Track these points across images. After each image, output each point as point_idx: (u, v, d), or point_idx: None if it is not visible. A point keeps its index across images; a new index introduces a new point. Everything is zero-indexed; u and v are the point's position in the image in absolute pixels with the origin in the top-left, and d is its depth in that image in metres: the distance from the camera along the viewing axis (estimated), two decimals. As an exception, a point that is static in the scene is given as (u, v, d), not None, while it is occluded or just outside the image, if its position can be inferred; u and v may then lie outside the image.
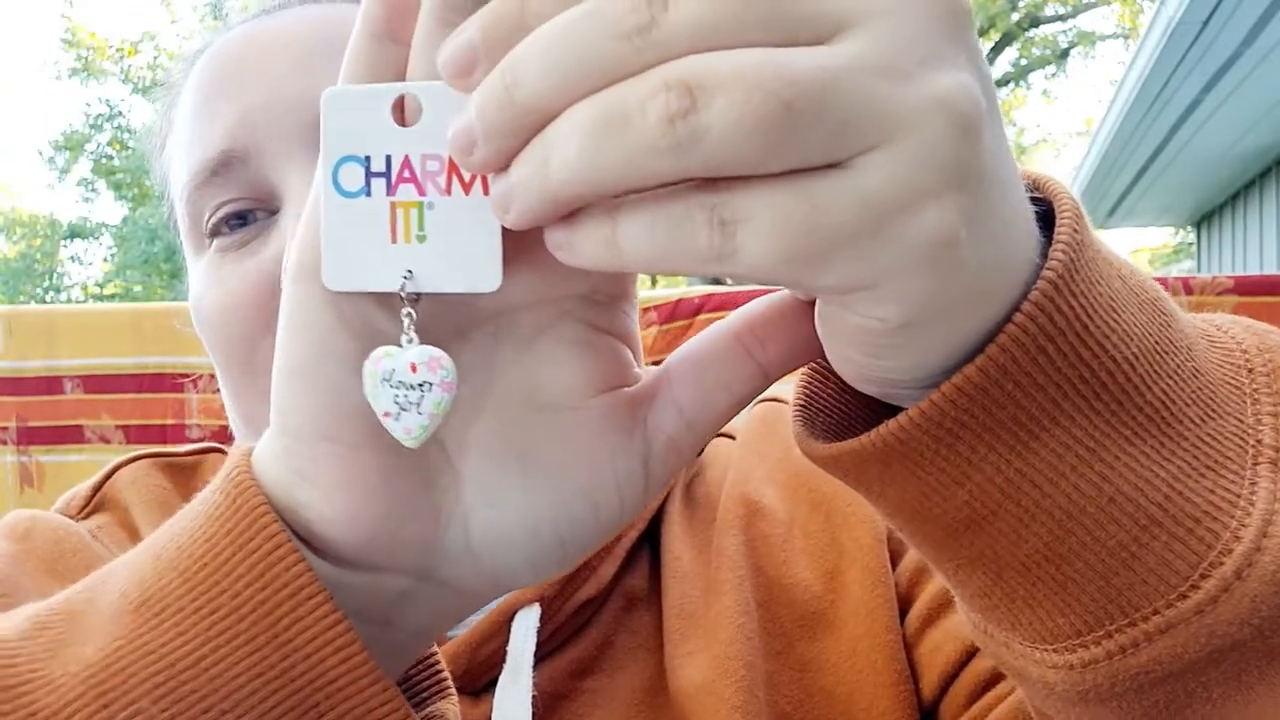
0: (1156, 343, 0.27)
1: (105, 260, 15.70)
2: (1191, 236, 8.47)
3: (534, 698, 0.50)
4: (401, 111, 0.28)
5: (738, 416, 0.32)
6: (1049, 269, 0.25)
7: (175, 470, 0.59)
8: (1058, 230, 0.26)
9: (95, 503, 0.57)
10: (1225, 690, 0.28)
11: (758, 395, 0.31)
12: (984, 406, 0.25)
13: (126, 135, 14.70)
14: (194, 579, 0.28)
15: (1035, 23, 12.63)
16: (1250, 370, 0.29)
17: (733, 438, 0.61)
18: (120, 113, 14.96)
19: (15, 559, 0.50)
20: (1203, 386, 0.28)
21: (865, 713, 0.50)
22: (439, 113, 0.26)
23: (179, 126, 0.55)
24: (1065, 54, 12.98)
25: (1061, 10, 12.74)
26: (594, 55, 0.23)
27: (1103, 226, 7.92)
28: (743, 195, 0.22)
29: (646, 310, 1.02)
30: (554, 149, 0.23)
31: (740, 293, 1.02)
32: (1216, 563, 0.26)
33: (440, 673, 0.35)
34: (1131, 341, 0.26)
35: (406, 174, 0.27)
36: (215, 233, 0.52)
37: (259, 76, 0.51)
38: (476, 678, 0.50)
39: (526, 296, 0.30)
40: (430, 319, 0.29)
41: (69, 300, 15.16)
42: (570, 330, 0.31)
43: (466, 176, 0.27)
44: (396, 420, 0.28)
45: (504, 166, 0.25)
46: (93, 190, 15.26)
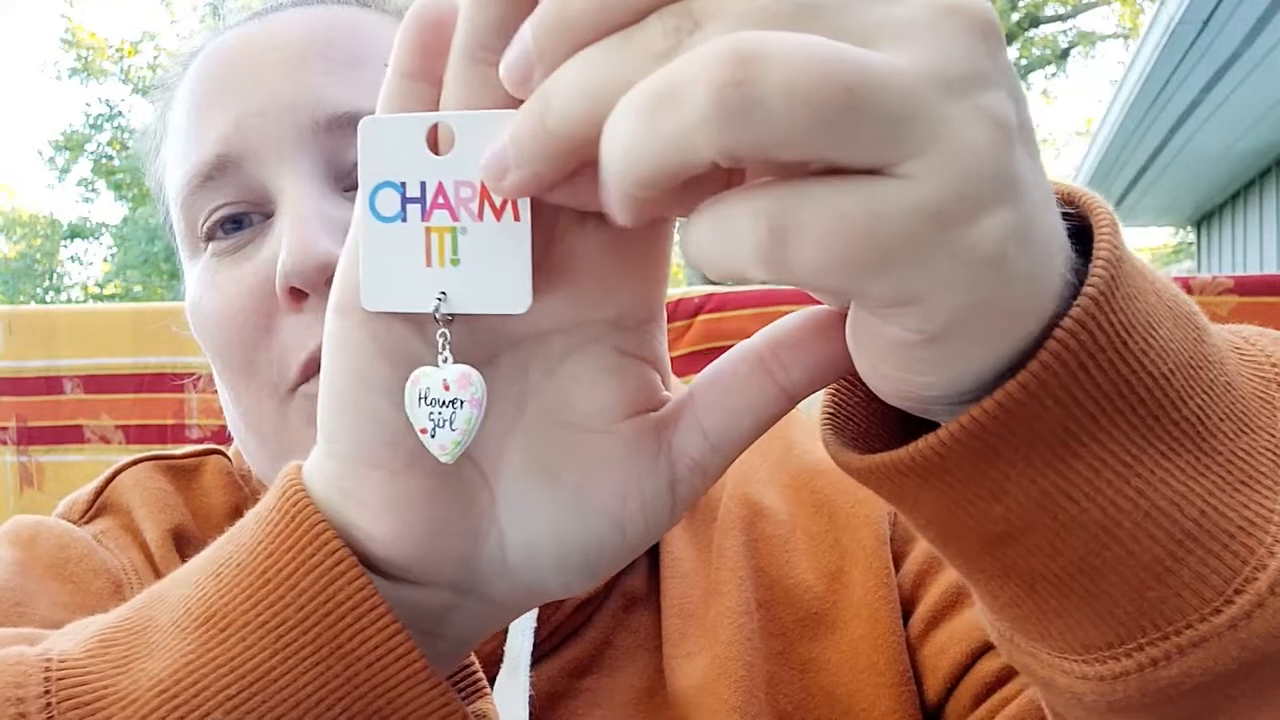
0: (1191, 358, 0.27)
1: (105, 260, 15.72)
2: (1191, 236, 8.47)
3: (531, 697, 0.50)
4: (436, 139, 0.29)
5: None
6: (1090, 285, 0.25)
7: (176, 473, 0.59)
8: (1097, 246, 0.26)
9: (97, 507, 0.57)
10: (1251, 702, 0.28)
11: (782, 417, 0.31)
12: (1024, 421, 0.25)
13: (126, 135, 14.70)
14: (258, 594, 0.29)
15: (1035, 23, 12.63)
16: None
17: None
18: (120, 113, 14.96)
19: (22, 565, 0.50)
20: (1235, 400, 0.28)
21: (866, 713, 0.50)
22: (472, 141, 0.28)
23: (173, 131, 0.55)
24: (1065, 54, 12.98)
25: (1061, 10, 12.74)
26: (625, 79, 0.23)
27: (1103, 226, 7.92)
28: (798, 198, 0.22)
29: (646, 310, 1.02)
30: (608, 135, 0.23)
31: (740, 293, 1.02)
32: (1250, 578, 0.26)
33: (476, 674, 0.36)
34: (1168, 357, 0.26)
35: (441, 200, 0.28)
36: (211, 237, 0.52)
37: (252, 80, 0.51)
38: None
39: (557, 321, 0.31)
40: (463, 344, 0.30)
41: (69, 300, 15.16)
42: (599, 354, 0.31)
43: (498, 203, 0.28)
44: (432, 437, 0.29)
45: (535, 191, 0.26)
46: (93, 190, 15.27)
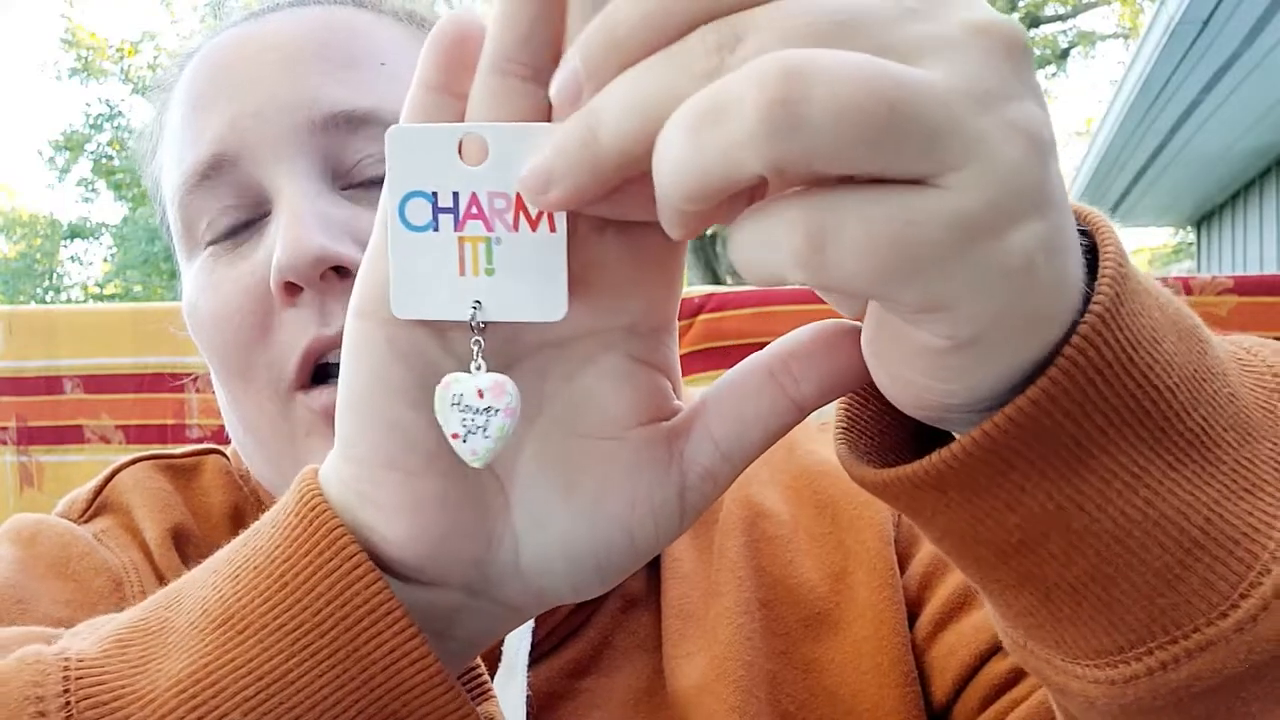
0: (1195, 370, 0.28)
1: (105, 260, 15.73)
2: (1191, 236, 8.47)
3: (529, 697, 0.50)
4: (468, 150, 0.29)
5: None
6: (1096, 302, 0.26)
7: (175, 472, 0.59)
8: (1102, 264, 0.27)
9: (97, 506, 0.57)
10: (1263, 705, 0.29)
11: (792, 428, 0.32)
12: (1036, 434, 0.26)
13: (126, 135, 14.69)
14: (275, 597, 0.30)
15: (1035, 23, 12.63)
16: None
17: None
18: (120, 113, 14.96)
19: (24, 564, 0.50)
20: (1238, 411, 0.28)
21: (870, 714, 0.50)
22: (507, 153, 0.28)
23: (169, 132, 0.55)
24: (1065, 54, 12.98)
25: (1061, 10, 12.74)
26: (674, 96, 0.24)
27: (1103, 226, 7.91)
28: (837, 204, 0.23)
29: (646, 310, 1.02)
30: (659, 152, 0.24)
31: (740, 293, 1.02)
32: (1256, 582, 0.27)
33: (481, 677, 0.36)
34: (1173, 370, 0.27)
35: (474, 210, 0.28)
36: (209, 238, 0.52)
37: (248, 80, 0.51)
38: None
39: (574, 328, 0.31)
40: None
41: (69, 300, 15.16)
42: (614, 362, 0.32)
43: (534, 213, 0.28)
44: (464, 442, 0.29)
45: (578, 205, 0.27)
46: (93, 190, 15.27)
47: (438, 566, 0.31)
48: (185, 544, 0.55)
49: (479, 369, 0.30)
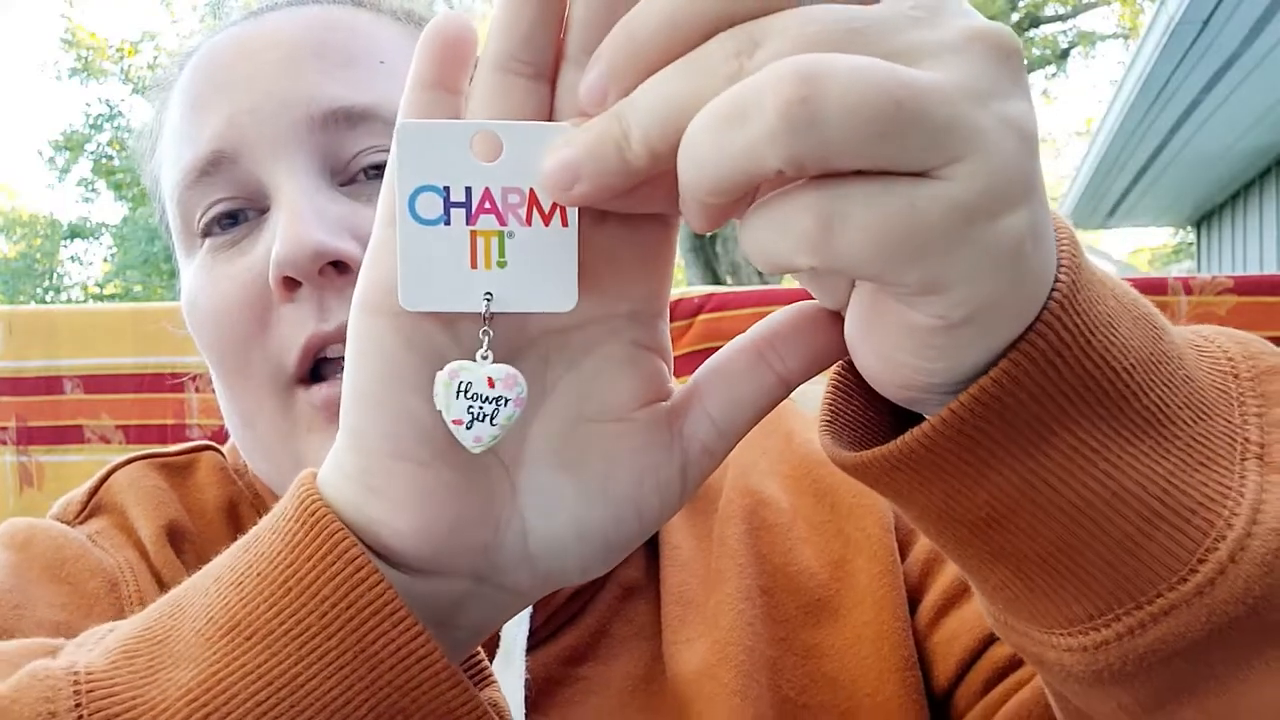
0: (1150, 354, 0.30)
1: (105, 260, 15.72)
2: (1191, 236, 8.48)
3: (527, 682, 0.50)
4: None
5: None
6: (1055, 289, 0.28)
7: (170, 470, 0.59)
8: (1059, 254, 0.29)
9: (92, 507, 0.57)
10: (1226, 668, 0.30)
11: (781, 402, 0.34)
12: (999, 413, 0.28)
13: (126, 135, 14.69)
14: (280, 603, 0.30)
15: (1035, 23, 12.62)
16: (1236, 376, 0.32)
17: None
18: (120, 113, 14.96)
19: (18, 568, 0.50)
20: (1193, 391, 0.30)
21: (870, 699, 0.51)
22: (521, 150, 0.29)
23: (169, 130, 0.56)
24: (1065, 54, 12.98)
25: (1061, 10, 12.74)
26: (698, 98, 0.25)
27: (1103, 226, 7.93)
28: (845, 193, 0.24)
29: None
30: (685, 151, 0.25)
31: (740, 293, 1.02)
32: (1212, 548, 0.29)
33: (482, 664, 0.37)
34: (1129, 353, 0.29)
35: (487, 205, 0.29)
36: (207, 232, 0.53)
37: (247, 78, 0.52)
38: None
39: (578, 316, 0.32)
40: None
41: (69, 300, 15.16)
42: (616, 348, 0.33)
43: (546, 208, 0.29)
44: (468, 429, 0.30)
45: (600, 201, 0.28)
46: (93, 190, 15.27)
47: (447, 556, 0.32)
48: (181, 541, 0.55)
49: (486, 359, 0.30)
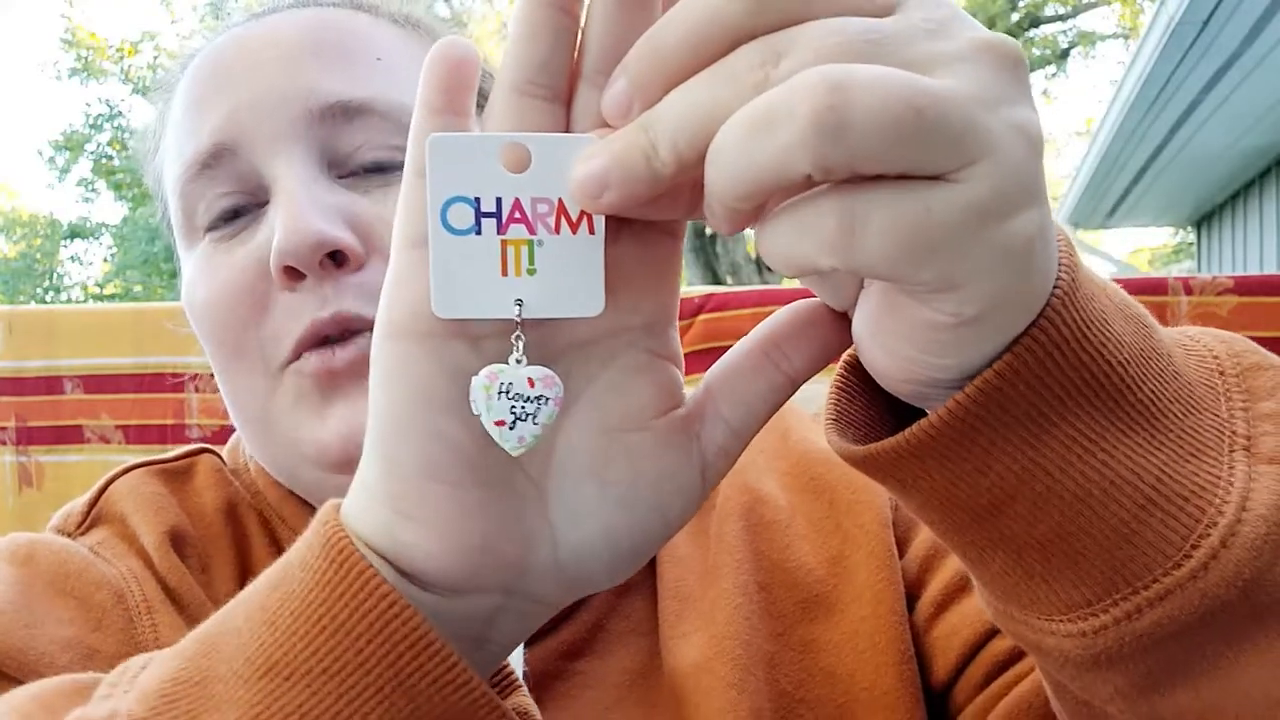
0: (1142, 350, 0.31)
1: (105, 260, 15.71)
2: (1191, 236, 8.48)
3: (525, 675, 0.51)
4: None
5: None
6: (1056, 286, 0.29)
7: (169, 476, 0.60)
8: (1059, 258, 0.30)
9: (92, 517, 0.57)
10: (1218, 650, 0.31)
11: (790, 398, 0.35)
12: (1001, 405, 0.29)
13: (126, 135, 14.69)
14: (316, 642, 0.31)
15: (1035, 23, 12.62)
16: (1222, 373, 0.33)
17: None
18: (120, 113, 14.96)
19: (24, 584, 0.50)
20: (1183, 387, 0.32)
21: (867, 692, 0.52)
22: (549, 161, 0.30)
23: (171, 126, 0.57)
24: (1065, 54, 12.97)
25: (1061, 10, 12.73)
26: (726, 108, 0.27)
27: (1103, 226, 7.93)
28: (866, 197, 0.26)
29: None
30: (714, 159, 0.27)
31: (740, 293, 1.02)
32: (1204, 534, 0.30)
33: (510, 672, 0.38)
34: (1122, 349, 0.30)
35: (517, 215, 0.30)
36: (208, 225, 0.54)
37: (248, 74, 0.53)
38: None
39: (598, 328, 0.33)
40: (508, 354, 0.32)
41: (69, 300, 15.16)
42: (634, 358, 0.34)
43: (574, 216, 0.30)
44: (511, 429, 0.31)
45: (628, 209, 0.29)
46: (93, 190, 15.27)
47: (479, 574, 0.32)
48: (183, 545, 0.56)
49: (520, 362, 0.31)
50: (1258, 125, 4.99)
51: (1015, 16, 12.35)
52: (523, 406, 0.31)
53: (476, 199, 0.30)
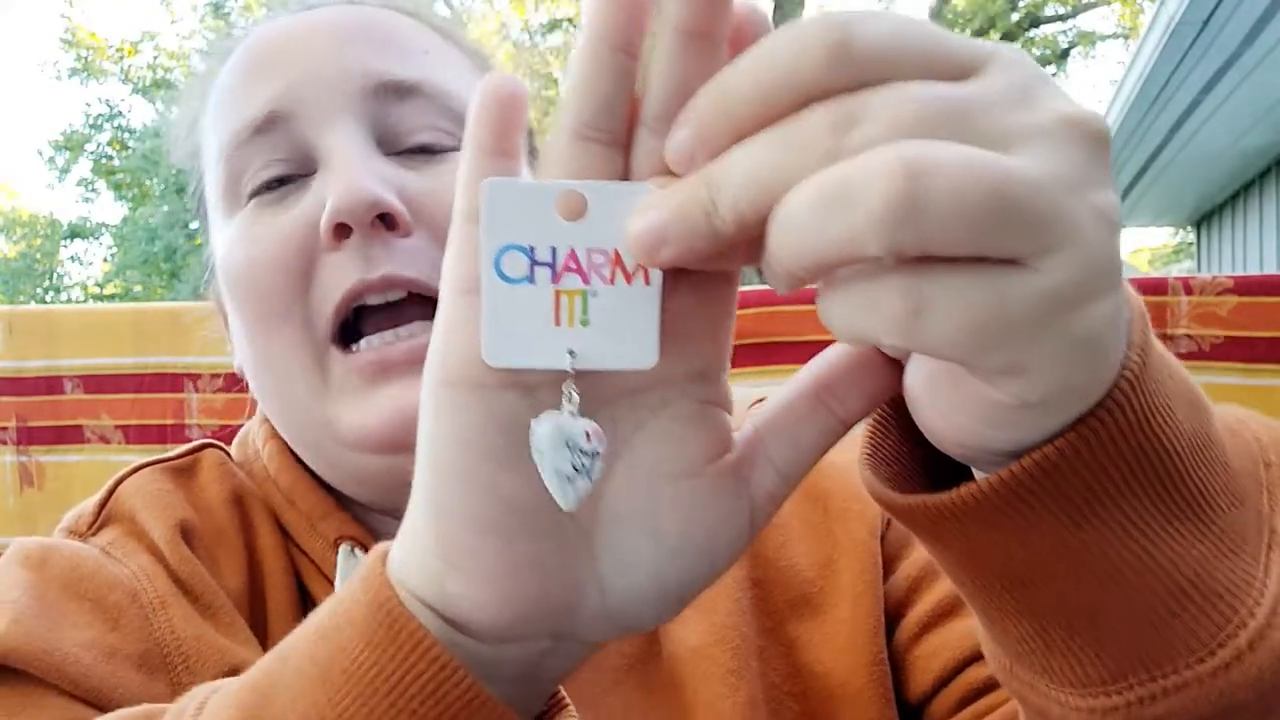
0: (1197, 437, 0.30)
1: (105, 260, 15.70)
2: (1191, 236, 8.47)
3: None
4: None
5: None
6: (1127, 369, 0.28)
7: (175, 473, 0.60)
8: (1130, 334, 0.29)
9: (103, 518, 0.58)
10: None
11: (840, 439, 0.34)
12: (1055, 481, 0.28)
13: (126, 135, 14.70)
14: (370, 702, 0.31)
15: (1035, 23, 12.62)
16: (1267, 465, 0.33)
17: None
18: (120, 113, 14.96)
19: (36, 587, 0.50)
20: (1231, 478, 0.31)
21: (841, 689, 0.55)
22: (607, 210, 0.29)
23: (215, 101, 0.59)
24: (1065, 54, 12.97)
25: (1061, 10, 12.73)
26: (795, 172, 0.26)
27: (1103, 226, 7.91)
28: (937, 280, 0.25)
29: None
30: (781, 226, 0.26)
31: (741, 293, 1.02)
32: (1233, 634, 0.30)
33: (560, 694, 0.38)
34: (1180, 437, 0.29)
35: (572, 265, 0.30)
36: (253, 190, 0.56)
37: (306, 50, 0.56)
38: None
39: (648, 377, 0.32)
40: (559, 404, 0.31)
41: (69, 300, 15.16)
42: (685, 407, 0.33)
43: (630, 268, 0.30)
44: (570, 483, 0.30)
45: (687, 263, 0.29)
46: (93, 190, 15.26)
47: (529, 623, 0.32)
48: (191, 538, 0.56)
49: (573, 415, 0.30)
50: (1258, 125, 4.99)
51: (1015, 16, 12.35)
52: (581, 461, 0.30)
53: (531, 247, 0.29)
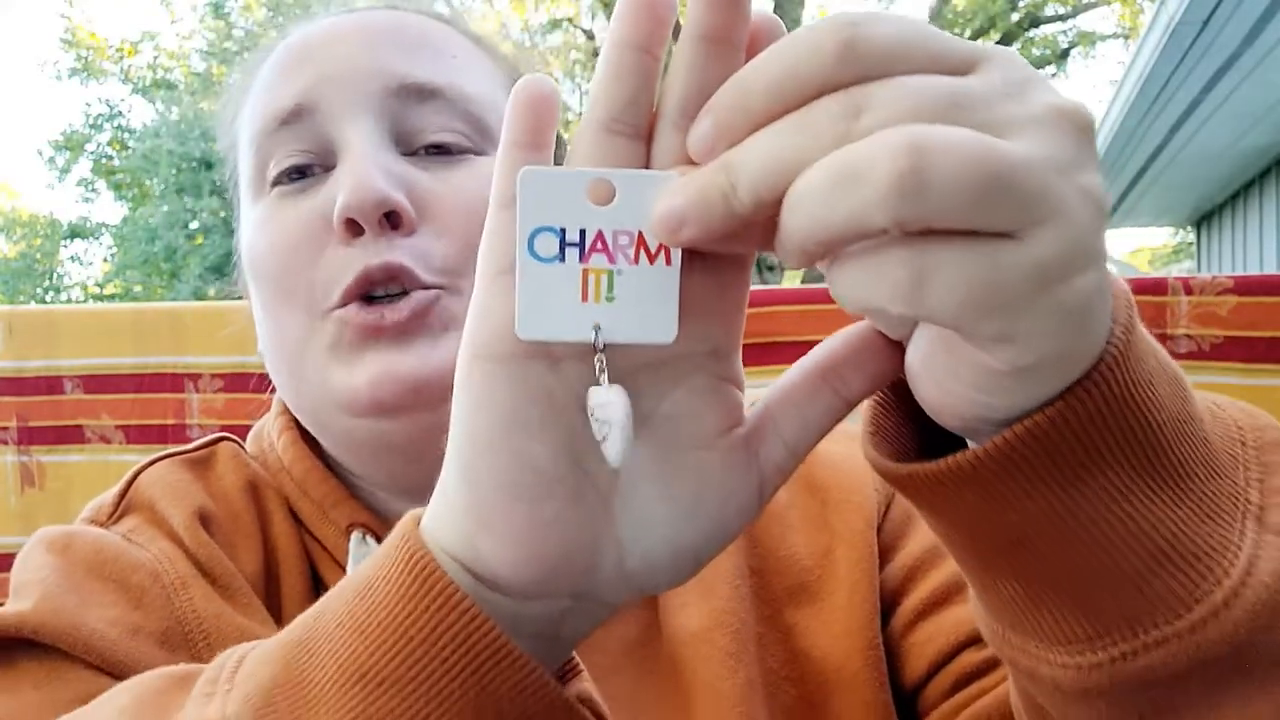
0: (1178, 414, 0.33)
1: (105, 260, 15.70)
2: (1191, 236, 8.48)
3: None
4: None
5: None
6: (1112, 345, 0.31)
7: (192, 464, 0.63)
8: (1115, 311, 0.31)
9: (123, 507, 0.60)
10: (1202, 698, 0.34)
11: (845, 418, 0.37)
12: (1045, 449, 0.31)
13: (126, 135, 14.70)
14: (403, 652, 0.33)
15: (1035, 23, 12.62)
16: (1243, 444, 0.36)
17: None
18: (120, 113, 14.96)
19: (63, 570, 0.52)
20: (1209, 453, 0.34)
21: (837, 674, 0.57)
22: (633, 196, 0.32)
23: (254, 94, 0.63)
24: (1065, 54, 12.97)
25: (1061, 10, 12.73)
26: (807, 156, 0.28)
27: (1103, 226, 7.91)
28: (937, 251, 0.27)
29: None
30: (794, 204, 0.28)
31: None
32: (1209, 592, 0.32)
33: (574, 660, 0.40)
34: (1162, 410, 0.32)
35: (599, 245, 0.32)
36: (275, 179, 0.59)
37: (335, 50, 0.60)
38: None
39: (668, 354, 0.35)
40: (585, 377, 0.34)
41: (69, 300, 15.17)
42: (701, 381, 0.36)
43: (652, 248, 0.32)
44: (618, 442, 0.32)
45: (704, 244, 0.31)
46: (93, 190, 15.26)
47: (553, 581, 0.34)
48: (209, 525, 0.58)
49: (603, 384, 0.33)
50: (1258, 125, 5.00)
51: (1015, 16, 12.35)
52: (622, 419, 0.33)
53: (562, 229, 0.32)
